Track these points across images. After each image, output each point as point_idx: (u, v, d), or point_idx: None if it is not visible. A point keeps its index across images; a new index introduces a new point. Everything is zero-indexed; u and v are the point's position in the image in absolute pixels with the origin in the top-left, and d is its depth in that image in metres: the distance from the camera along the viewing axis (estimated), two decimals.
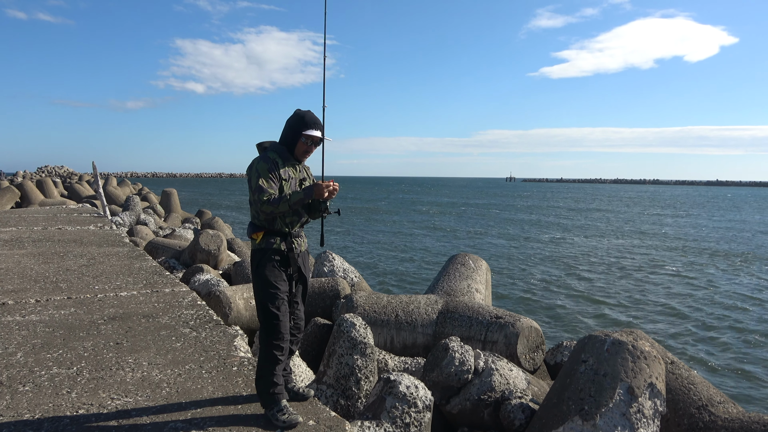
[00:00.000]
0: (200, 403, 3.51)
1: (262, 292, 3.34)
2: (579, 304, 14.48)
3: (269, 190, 3.29)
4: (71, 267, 7.82)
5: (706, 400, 4.30)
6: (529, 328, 5.90)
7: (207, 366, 4.15)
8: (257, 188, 3.29)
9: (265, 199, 3.26)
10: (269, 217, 3.36)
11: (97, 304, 5.82)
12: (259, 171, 3.33)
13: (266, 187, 3.29)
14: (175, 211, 23.45)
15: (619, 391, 3.70)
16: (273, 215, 3.35)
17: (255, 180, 3.32)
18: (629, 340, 3.92)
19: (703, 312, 13.78)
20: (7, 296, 6.06)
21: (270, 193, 3.28)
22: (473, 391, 4.57)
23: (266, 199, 3.26)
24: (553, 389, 4.07)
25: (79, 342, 4.62)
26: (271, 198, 3.27)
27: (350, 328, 4.54)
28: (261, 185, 3.29)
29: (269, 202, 3.26)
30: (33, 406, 3.44)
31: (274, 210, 3.28)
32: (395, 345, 6.25)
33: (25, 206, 23.62)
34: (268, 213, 3.31)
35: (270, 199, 3.26)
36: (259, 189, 3.28)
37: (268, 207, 3.26)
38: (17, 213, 16.42)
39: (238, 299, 6.81)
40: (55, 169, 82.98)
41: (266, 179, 3.32)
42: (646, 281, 17.71)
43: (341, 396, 4.43)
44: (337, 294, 7.05)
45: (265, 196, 3.26)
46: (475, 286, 7.02)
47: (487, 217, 45.44)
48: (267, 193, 3.27)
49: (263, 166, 3.35)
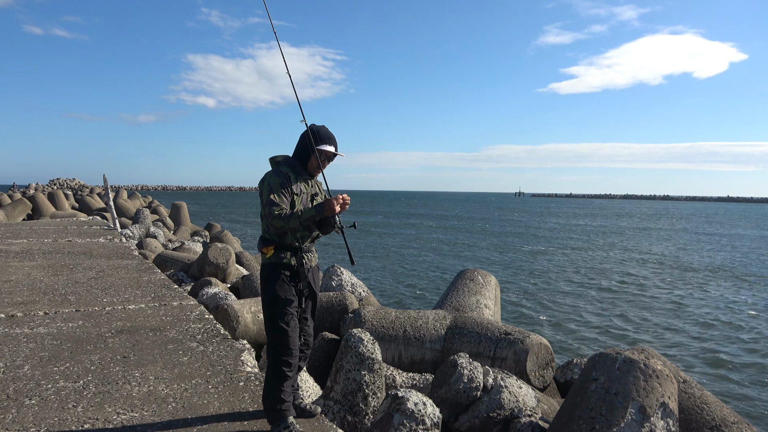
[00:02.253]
0: (206, 419, 3.48)
1: (272, 307, 3.31)
2: (589, 321, 14.34)
3: (281, 205, 3.28)
4: (80, 279, 7.84)
5: (719, 420, 4.22)
6: (538, 344, 5.84)
7: (214, 381, 4.13)
8: (268, 202, 3.28)
9: (276, 214, 3.24)
10: (280, 231, 3.35)
11: (104, 317, 5.82)
12: (271, 185, 3.32)
13: (278, 202, 3.28)
14: (184, 224, 23.55)
15: (631, 410, 3.64)
16: (283, 230, 3.33)
17: (266, 194, 3.31)
18: (641, 359, 3.86)
19: (716, 330, 13.60)
20: (17, 308, 6.08)
21: (281, 208, 3.27)
22: (482, 409, 4.51)
23: (277, 213, 3.25)
24: (564, 407, 4.01)
25: (86, 355, 4.61)
26: (282, 213, 3.25)
27: (358, 344, 4.51)
28: (272, 199, 3.28)
29: (280, 217, 3.25)
30: (39, 419, 3.42)
31: (284, 225, 3.26)
32: (403, 361, 6.20)
33: (36, 218, 23.81)
34: (279, 228, 3.29)
35: (281, 214, 3.25)
36: (270, 203, 3.27)
37: (278, 222, 3.25)
38: (29, 225, 16.54)
39: (246, 313, 6.79)
40: (66, 182, 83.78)
41: (278, 194, 3.31)
42: (658, 298, 17.53)
43: (348, 412, 4.38)
44: (345, 308, 7.02)
45: (276, 210, 3.25)
46: (484, 302, 6.97)
47: (495, 233, 45.29)
48: (278, 207, 3.26)
49: (275, 180, 3.34)
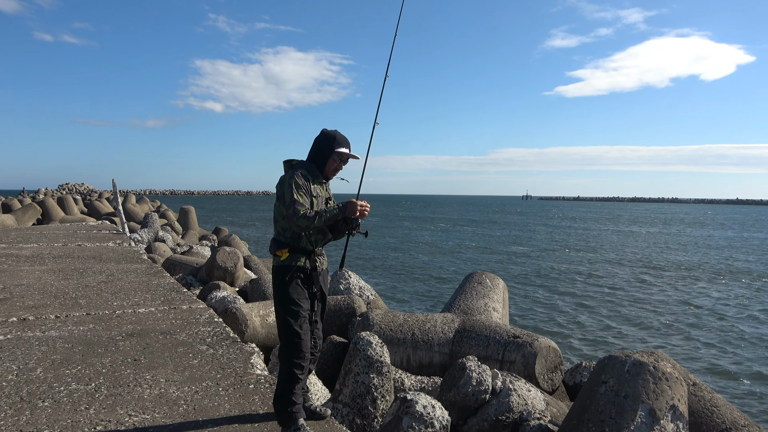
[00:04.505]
0: (217, 421, 3.50)
1: (285, 310, 3.33)
2: (597, 324, 14.28)
3: (305, 205, 3.30)
4: (90, 283, 7.90)
5: (729, 423, 4.20)
6: (547, 347, 5.83)
7: (224, 383, 4.16)
8: (292, 201, 3.27)
9: (303, 214, 3.24)
10: (301, 231, 3.35)
11: (115, 321, 5.87)
12: (293, 186, 3.33)
13: (301, 201, 3.29)
14: (192, 228, 23.66)
15: (641, 413, 3.63)
16: (307, 230, 3.34)
17: (289, 194, 3.30)
18: (650, 361, 3.85)
19: (726, 333, 13.51)
20: (28, 312, 6.14)
21: (306, 208, 3.29)
22: (491, 412, 4.51)
23: (303, 213, 3.25)
24: (573, 411, 4.00)
25: (98, 358, 4.65)
26: (308, 213, 3.27)
27: (366, 347, 4.52)
28: (296, 199, 3.28)
29: (306, 216, 3.25)
30: (52, 422, 3.46)
31: (309, 225, 3.26)
32: (411, 364, 6.20)
33: (46, 223, 23.99)
34: (303, 228, 3.29)
35: (307, 213, 3.25)
36: (295, 203, 3.27)
37: (304, 222, 3.25)
38: (38, 230, 16.68)
39: (255, 316, 6.82)
40: (75, 187, 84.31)
41: (299, 194, 3.32)
42: (667, 301, 17.44)
43: (357, 415, 4.39)
44: (353, 312, 7.04)
45: (302, 210, 3.25)
46: (492, 305, 6.97)
47: (503, 236, 45.19)
48: (303, 207, 3.27)
49: (297, 181, 3.35)
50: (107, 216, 27.32)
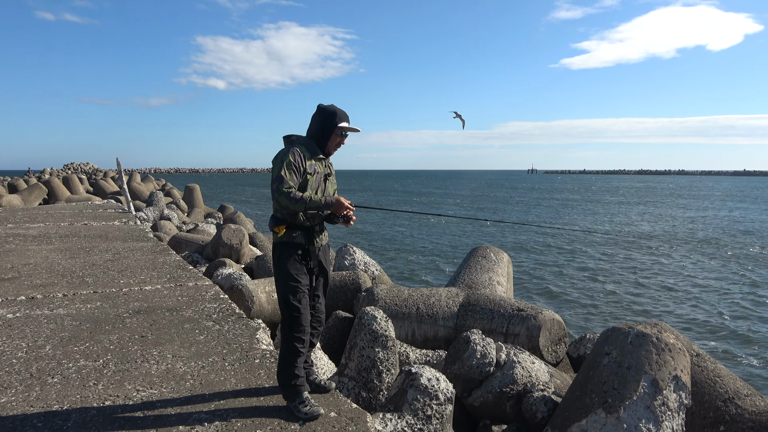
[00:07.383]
0: (223, 395, 3.55)
1: (284, 285, 3.35)
2: (601, 296, 14.33)
3: (289, 183, 3.27)
4: (97, 262, 7.96)
5: (732, 392, 4.22)
6: (551, 320, 5.85)
7: (230, 358, 4.20)
8: (277, 178, 3.26)
9: (284, 190, 3.22)
10: (285, 209, 3.36)
11: (122, 298, 5.92)
12: (284, 162, 3.30)
13: (287, 179, 3.27)
14: (197, 206, 23.72)
15: (644, 383, 3.65)
16: (287, 209, 3.33)
17: (277, 169, 3.29)
18: (653, 332, 3.87)
19: (730, 304, 13.53)
20: (36, 290, 6.20)
21: (290, 186, 3.25)
22: (495, 384, 4.56)
23: (285, 190, 3.22)
24: (576, 382, 4.03)
25: (105, 335, 4.70)
26: (291, 192, 3.24)
27: (371, 321, 4.56)
28: (282, 175, 3.26)
29: (288, 196, 3.22)
30: (61, 397, 3.52)
31: (289, 205, 3.24)
32: (416, 338, 6.25)
33: (52, 203, 24.11)
34: (283, 205, 3.28)
35: (290, 193, 3.23)
36: (280, 179, 3.25)
37: (284, 200, 3.23)
38: (45, 209, 16.76)
39: (260, 293, 6.87)
40: (80, 166, 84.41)
41: (289, 171, 3.29)
42: (670, 273, 17.45)
43: (363, 388, 4.45)
44: (358, 287, 7.08)
45: (284, 186, 3.23)
46: (496, 279, 6.98)
47: (507, 210, 45.12)
48: (287, 184, 3.24)
49: (289, 157, 3.32)
50: (113, 195, 27.42)
